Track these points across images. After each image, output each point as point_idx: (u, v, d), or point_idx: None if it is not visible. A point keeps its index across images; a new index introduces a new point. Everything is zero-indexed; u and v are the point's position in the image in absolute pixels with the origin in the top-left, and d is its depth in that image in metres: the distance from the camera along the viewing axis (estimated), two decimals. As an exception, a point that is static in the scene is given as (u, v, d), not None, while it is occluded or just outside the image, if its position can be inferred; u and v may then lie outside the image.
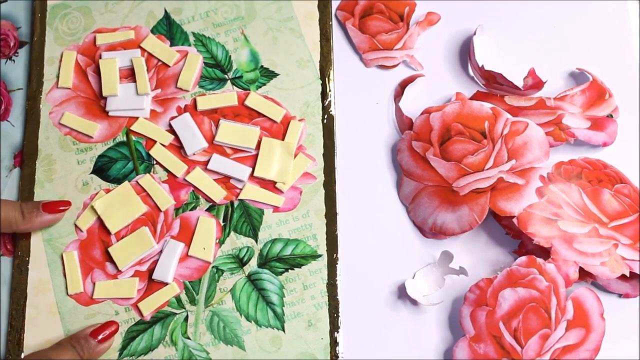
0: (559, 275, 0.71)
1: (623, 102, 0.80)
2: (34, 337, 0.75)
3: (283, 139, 0.79)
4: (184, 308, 0.75)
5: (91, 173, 0.79)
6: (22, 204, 0.76)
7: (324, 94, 0.81)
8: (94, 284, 0.76)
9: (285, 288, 0.76)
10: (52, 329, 0.75)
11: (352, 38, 0.84)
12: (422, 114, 0.79)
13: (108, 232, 0.77)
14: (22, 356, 0.74)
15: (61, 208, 0.77)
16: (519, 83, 0.78)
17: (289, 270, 0.76)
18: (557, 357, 0.70)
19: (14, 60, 0.84)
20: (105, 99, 0.81)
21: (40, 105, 0.81)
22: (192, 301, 0.75)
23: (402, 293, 0.76)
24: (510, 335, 0.71)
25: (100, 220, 0.78)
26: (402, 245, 0.77)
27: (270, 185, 0.78)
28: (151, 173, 0.79)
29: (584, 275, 0.73)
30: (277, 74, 0.82)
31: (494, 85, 0.80)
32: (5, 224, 0.75)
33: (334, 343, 0.74)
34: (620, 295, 0.75)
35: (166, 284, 0.76)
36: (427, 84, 0.82)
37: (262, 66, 0.82)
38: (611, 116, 0.78)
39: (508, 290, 0.71)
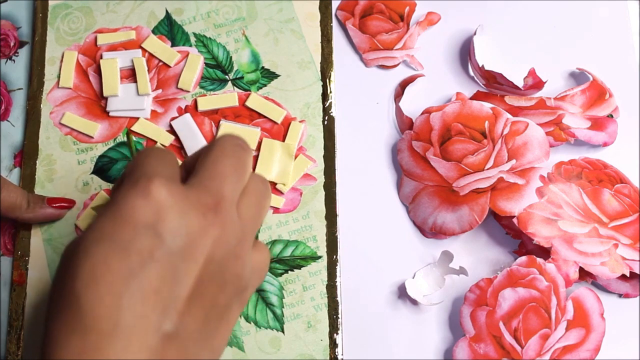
0: (559, 275, 0.71)
1: (623, 102, 0.80)
2: (34, 337, 0.75)
3: (283, 140, 0.79)
4: (184, 308, 0.75)
5: (92, 173, 0.79)
6: (29, 194, 0.77)
7: (325, 96, 0.81)
8: (93, 284, 0.76)
9: (285, 289, 0.75)
10: (51, 329, 0.75)
11: (352, 38, 0.84)
12: (422, 113, 0.79)
13: (108, 233, 0.77)
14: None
15: (65, 205, 0.77)
16: (519, 83, 0.78)
17: (289, 272, 0.76)
18: (557, 357, 0.70)
19: (14, 60, 0.84)
20: (105, 99, 0.81)
21: (41, 105, 0.81)
22: (192, 301, 0.75)
23: (402, 293, 0.76)
24: (511, 335, 0.71)
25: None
26: (402, 245, 0.77)
27: (270, 186, 0.78)
28: (151, 173, 0.79)
29: (584, 275, 0.73)
30: (278, 75, 0.82)
31: (494, 85, 0.80)
32: (10, 207, 0.75)
33: (333, 345, 0.74)
34: (620, 295, 0.75)
35: (166, 284, 0.76)
36: (427, 84, 0.82)
37: (263, 67, 0.83)
38: (611, 116, 0.78)
39: (508, 290, 0.71)
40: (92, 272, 0.47)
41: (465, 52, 0.83)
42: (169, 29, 0.84)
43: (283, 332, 0.74)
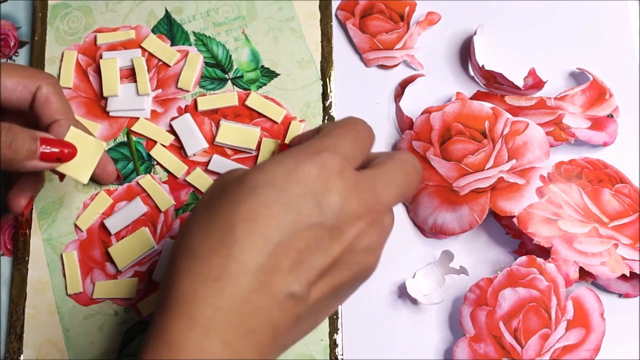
0: (559, 275, 0.71)
1: (623, 102, 0.80)
2: (34, 337, 0.75)
3: (284, 140, 0.79)
4: (184, 308, 0.75)
5: (91, 173, 0.79)
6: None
7: (325, 95, 0.81)
8: (93, 284, 0.76)
9: (285, 289, 0.75)
10: (51, 328, 0.75)
11: (352, 38, 0.83)
12: (422, 113, 0.79)
13: (108, 233, 0.77)
14: None
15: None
16: (519, 83, 0.78)
17: (289, 271, 0.76)
18: (557, 357, 0.70)
19: (14, 60, 0.84)
20: (105, 99, 0.81)
21: (41, 105, 0.81)
22: (192, 301, 0.75)
23: (402, 292, 0.76)
24: (511, 335, 0.71)
25: (100, 221, 0.78)
26: (402, 245, 0.77)
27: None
28: (151, 173, 0.79)
29: (584, 275, 0.73)
30: (278, 74, 0.82)
31: (494, 85, 0.80)
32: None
33: (333, 344, 0.74)
34: (620, 295, 0.75)
35: (166, 284, 0.76)
36: (427, 84, 0.82)
37: (262, 66, 0.82)
38: (611, 116, 0.78)
39: (508, 290, 0.71)
40: (254, 211, 0.52)
41: (466, 52, 0.83)
42: (169, 28, 0.84)
43: (283, 331, 0.74)
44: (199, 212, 0.56)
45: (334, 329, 0.74)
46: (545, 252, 0.73)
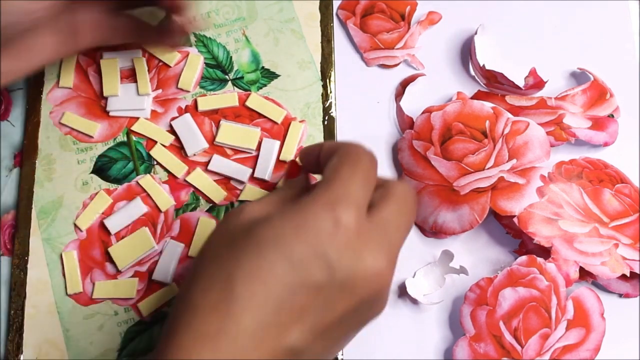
0: (560, 274, 0.71)
1: (624, 102, 0.80)
2: (34, 337, 0.75)
3: (284, 140, 0.79)
4: (184, 308, 0.75)
5: (91, 173, 0.79)
6: None
7: (325, 96, 0.81)
8: (93, 284, 0.76)
9: (286, 289, 0.75)
10: (51, 328, 0.75)
11: (353, 37, 0.83)
12: (423, 113, 0.79)
13: (108, 232, 0.77)
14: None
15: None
16: (520, 83, 0.78)
17: (289, 272, 0.76)
18: (557, 356, 0.70)
19: (14, 60, 0.84)
20: (106, 99, 0.81)
21: (41, 105, 0.81)
22: (192, 301, 0.75)
23: (402, 292, 0.75)
24: (511, 334, 0.70)
25: (100, 220, 0.78)
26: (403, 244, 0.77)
27: (270, 186, 0.78)
28: (151, 173, 0.79)
29: (585, 274, 0.72)
30: (278, 75, 0.82)
31: (495, 84, 0.80)
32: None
33: (334, 344, 0.74)
34: (620, 295, 0.75)
35: (166, 284, 0.75)
36: (428, 83, 0.82)
37: (263, 67, 0.82)
38: (612, 116, 0.78)
39: (508, 289, 0.71)
40: (258, 268, 0.50)
41: (466, 52, 0.83)
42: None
43: (283, 332, 0.74)
44: (203, 262, 0.54)
45: (334, 329, 0.74)
46: (545, 252, 0.73)
